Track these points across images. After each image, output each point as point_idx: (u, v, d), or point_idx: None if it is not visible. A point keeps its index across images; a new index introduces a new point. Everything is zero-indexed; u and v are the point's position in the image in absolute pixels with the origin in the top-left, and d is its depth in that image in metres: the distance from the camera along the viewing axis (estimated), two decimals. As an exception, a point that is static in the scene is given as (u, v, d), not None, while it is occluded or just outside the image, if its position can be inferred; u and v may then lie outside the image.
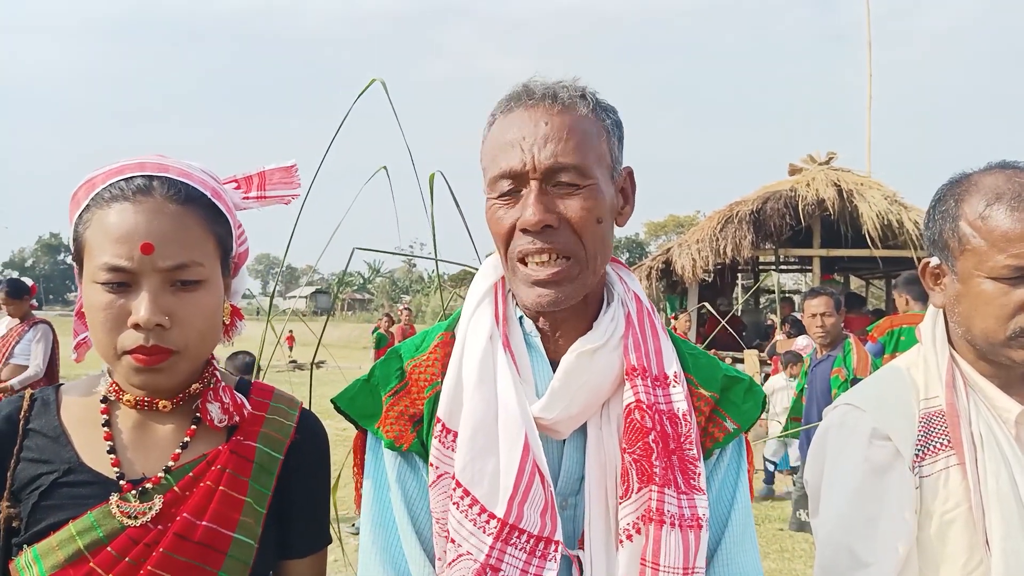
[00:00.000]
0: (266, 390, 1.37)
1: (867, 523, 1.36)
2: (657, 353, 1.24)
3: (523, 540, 1.13)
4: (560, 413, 1.18)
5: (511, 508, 1.13)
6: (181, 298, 1.19)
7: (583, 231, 1.18)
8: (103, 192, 1.20)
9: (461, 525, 1.15)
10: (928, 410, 1.40)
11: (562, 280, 1.19)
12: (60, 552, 1.14)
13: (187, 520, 1.18)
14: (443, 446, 1.20)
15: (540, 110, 1.20)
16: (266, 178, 1.39)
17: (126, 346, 1.16)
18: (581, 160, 1.18)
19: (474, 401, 1.19)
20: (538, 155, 1.17)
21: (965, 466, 1.34)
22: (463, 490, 1.15)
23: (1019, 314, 1.31)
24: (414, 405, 1.26)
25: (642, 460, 1.17)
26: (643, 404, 1.18)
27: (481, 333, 1.23)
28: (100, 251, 1.17)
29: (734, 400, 1.30)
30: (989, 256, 1.32)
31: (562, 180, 1.18)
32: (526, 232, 1.18)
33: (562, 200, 1.18)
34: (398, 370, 1.29)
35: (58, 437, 1.22)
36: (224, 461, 1.23)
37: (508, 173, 1.19)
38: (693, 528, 1.16)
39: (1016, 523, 1.30)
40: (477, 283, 1.31)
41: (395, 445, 1.25)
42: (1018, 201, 1.31)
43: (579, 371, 1.20)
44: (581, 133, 1.19)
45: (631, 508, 1.16)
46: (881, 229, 10.58)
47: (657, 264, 12.08)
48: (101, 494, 1.18)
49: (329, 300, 68.26)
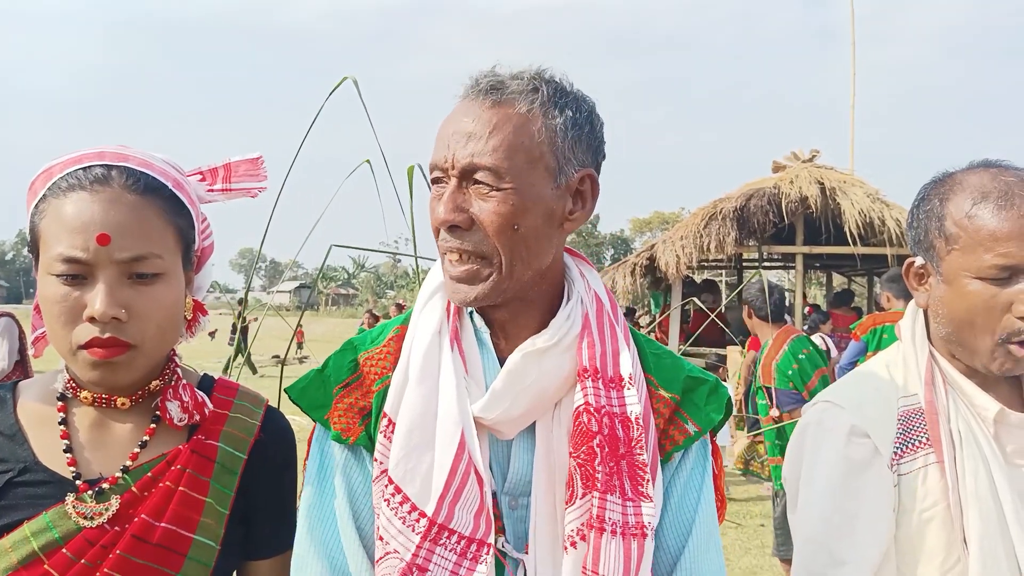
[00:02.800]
0: (230, 387, 1.33)
1: (845, 521, 1.35)
2: (614, 354, 1.20)
3: (453, 541, 1.10)
4: (501, 414, 1.15)
5: (440, 507, 1.10)
6: (139, 291, 1.15)
7: (496, 235, 1.14)
8: (60, 181, 1.16)
9: (390, 523, 1.12)
10: (907, 408, 1.39)
11: (473, 279, 1.16)
12: (14, 554, 1.11)
13: (145, 521, 1.15)
14: (388, 440, 1.17)
15: (474, 105, 1.16)
16: (231, 170, 1.36)
17: (81, 340, 1.13)
18: (499, 162, 1.13)
19: (413, 397, 1.16)
20: (457, 152, 1.14)
21: (943, 464, 1.33)
22: (395, 487, 1.13)
23: (1007, 315, 1.30)
24: (364, 398, 1.23)
25: (586, 465, 1.13)
26: (591, 407, 1.15)
27: (428, 328, 1.21)
28: (55, 242, 1.13)
29: (696, 402, 1.26)
30: (976, 256, 1.31)
31: (479, 179, 1.14)
32: (444, 229, 1.17)
33: (478, 201, 1.14)
34: (351, 362, 1.26)
35: (14, 435, 1.19)
36: (184, 461, 1.20)
37: (433, 165, 1.18)
38: (637, 537, 1.12)
39: (993, 522, 1.29)
40: (431, 277, 1.28)
41: (342, 438, 1.22)
42: (1005, 199, 1.30)
43: (524, 372, 1.16)
44: (509, 132, 1.14)
45: (576, 514, 1.13)
46: (863, 226, 10.65)
47: (641, 260, 12.09)
48: (57, 494, 1.15)
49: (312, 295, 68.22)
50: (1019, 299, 1.28)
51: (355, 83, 2.14)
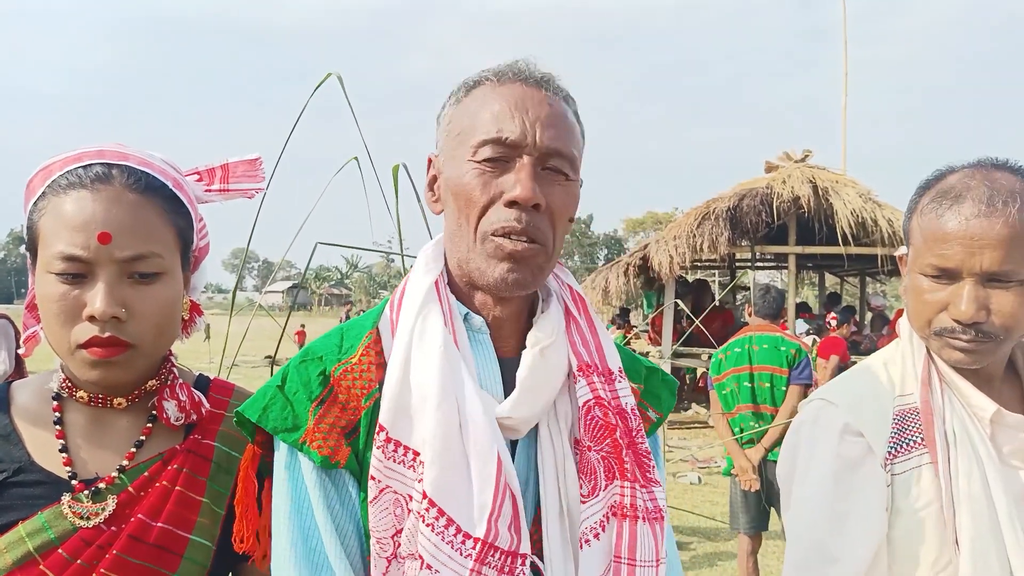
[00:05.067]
0: (226, 387, 1.33)
1: (837, 519, 1.35)
2: (599, 348, 1.22)
3: (496, 558, 1.06)
4: (527, 411, 1.14)
5: (491, 527, 1.05)
6: (138, 290, 1.15)
7: (558, 223, 1.15)
8: (60, 179, 1.16)
9: (439, 549, 1.05)
10: (903, 407, 1.39)
11: (530, 260, 1.12)
12: (8, 555, 1.10)
13: (141, 521, 1.14)
14: (385, 457, 1.08)
15: (542, 93, 1.15)
16: (229, 171, 1.35)
17: (80, 339, 1.12)
18: (574, 152, 1.15)
19: (440, 413, 1.08)
20: (540, 133, 1.11)
21: (937, 464, 1.33)
22: (438, 510, 1.05)
23: (940, 313, 1.33)
24: (345, 415, 1.12)
25: (610, 457, 1.14)
26: (604, 400, 1.16)
27: (434, 341, 1.12)
28: (55, 240, 1.13)
29: (653, 391, 1.31)
30: (921, 253, 1.34)
31: (552, 166, 1.13)
32: (512, 206, 1.10)
33: (548, 187, 1.13)
34: (320, 376, 1.13)
35: (8, 435, 1.18)
36: (181, 461, 1.20)
37: (503, 140, 1.10)
38: (658, 520, 1.16)
39: (986, 524, 1.29)
40: (416, 281, 1.19)
41: (330, 462, 1.09)
42: (956, 201, 1.30)
43: (541, 367, 1.16)
44: (574, 128, 1.17)
45: (597, 507, 1.13)
46: (855, 227, 10.68)
47: (635, 260, 12.10)
48: (52, 494, 1.14)
49: (306, 295, 68.01)
50: (953, 302, 1.30)
51: (340, 80, 2.14)
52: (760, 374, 4.96)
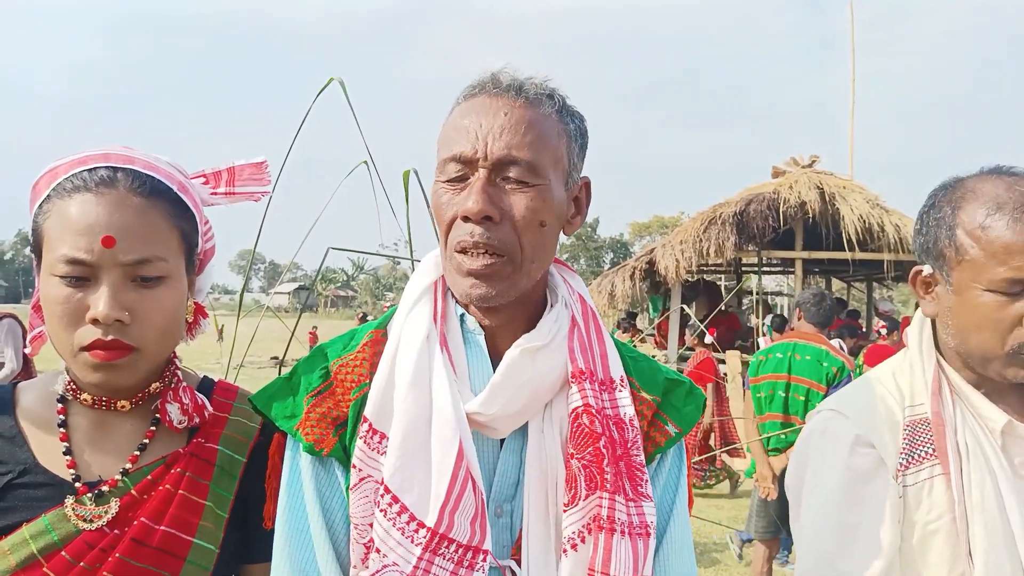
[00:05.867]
0: (230, 390, 1.33)
1: (848, 531, 1.34)
2: (603, 357, 1.21)
3: (451, 550, 1.08)
4: (499, 409, 1.14)
5: (442, 517, 1.07)
6: (142, 294, 1.15)
7: (523, 231, 1.14)
8: (65, 182, 1.16)
9: (388, 534, 1.09)
10: (913, 418, 1.38)
11: (493, 276, 1.14)
12: (12, 556, 1.10)
13: (145, 524, 1.14)
14: (368, 447, 1.13)
15: (503, 100, 1.15)
16: (235, 174, 1.35)
17: (83, 342, 1.12)
18: (535, 157, 1.13)
19: (407, 403, 1.13)
20: (491, 144, 1.12)
21: (950, 476, 1.31)
22: (392, 496, 1.09)
23: (1017, 328, 1.28)
24: (338, 407, 1.18)
25: (591, 466, 1.13)
26: (592, 408, 1.15)
27: (418, 332, 1.17)
28: (59, 243, 1.13)
29: (675, 404, 1.27)
30: (988, 268, 1.29)
31: (511, 175, 1.13)
32: (467, 221, 1.13)
33: (508, 196, 1.13)
34: (322, 369, 1.20)
35: (13, 437, 1.18)
36: (184, 464, 1.20)
37: (458, 157, 1.13)
38: (642, 536, 1.13)
39: (999, 535, 1.28)
40: (416, 280, 1.25)
41: (315, 449, 1.16)
42: (1021, 212, 1.27)
43: (521, 368, 1.15)
44: (540, 130, 1.15)
45: (577, 516, 1.12)
46: (862, 232, 10.65)
47: (641, 264, 12.09)
48: (56, 496, 1.14)
49: (312, 296, 68.16)
50: None
51: (342, 84, 2.15)
52: (797, 386, 4.76)
